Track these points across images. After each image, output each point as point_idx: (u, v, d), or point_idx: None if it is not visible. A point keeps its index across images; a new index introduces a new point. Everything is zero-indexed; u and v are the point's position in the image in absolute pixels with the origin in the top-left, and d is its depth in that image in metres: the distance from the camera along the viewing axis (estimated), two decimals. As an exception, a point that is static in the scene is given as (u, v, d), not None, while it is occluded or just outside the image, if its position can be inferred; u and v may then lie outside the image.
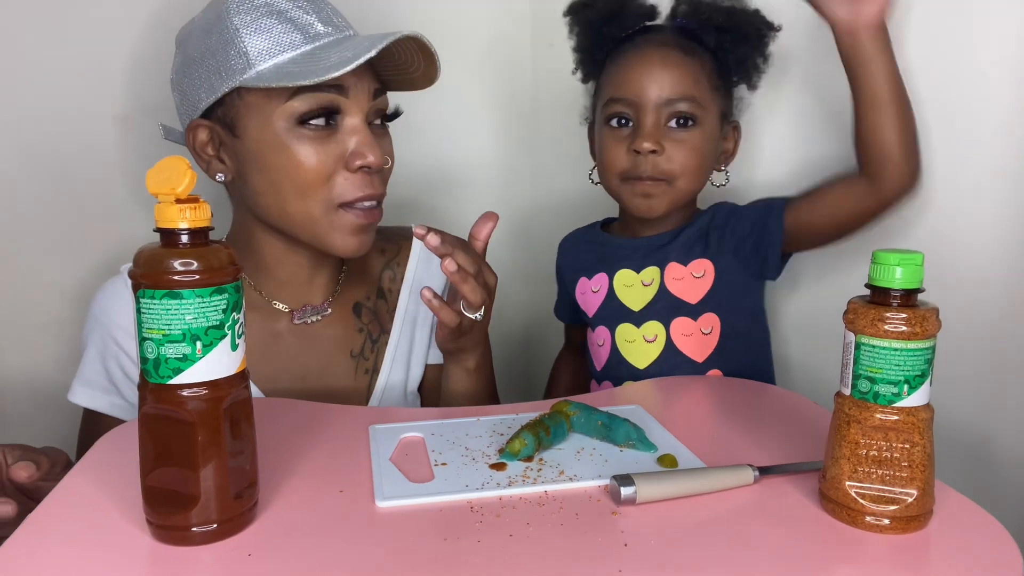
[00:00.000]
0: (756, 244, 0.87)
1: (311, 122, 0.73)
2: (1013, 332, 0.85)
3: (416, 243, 0.93)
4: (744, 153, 0.96)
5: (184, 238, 0.49)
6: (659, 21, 0.92)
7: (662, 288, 0.91)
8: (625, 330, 0.92)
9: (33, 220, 0.97)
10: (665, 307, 0.91)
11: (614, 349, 0.93)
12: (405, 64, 0.77)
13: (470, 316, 0.75)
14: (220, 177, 0.78)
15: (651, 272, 0.92)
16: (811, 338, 1.02)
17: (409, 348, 0.90)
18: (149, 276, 0.48)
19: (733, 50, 0.88)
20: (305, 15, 0.74)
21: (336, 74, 0.68)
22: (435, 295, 0.73)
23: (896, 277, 0.52)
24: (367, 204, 0.76)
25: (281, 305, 0.83)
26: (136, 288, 0.49)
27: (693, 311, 0.90)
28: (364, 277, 0.90)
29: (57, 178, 0.97)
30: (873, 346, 0.53)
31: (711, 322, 0.91)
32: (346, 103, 0.74)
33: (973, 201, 0.86)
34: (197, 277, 0.48)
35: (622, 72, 0.88)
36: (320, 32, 0.74)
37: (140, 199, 0.99)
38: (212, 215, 0.51)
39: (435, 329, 0.79)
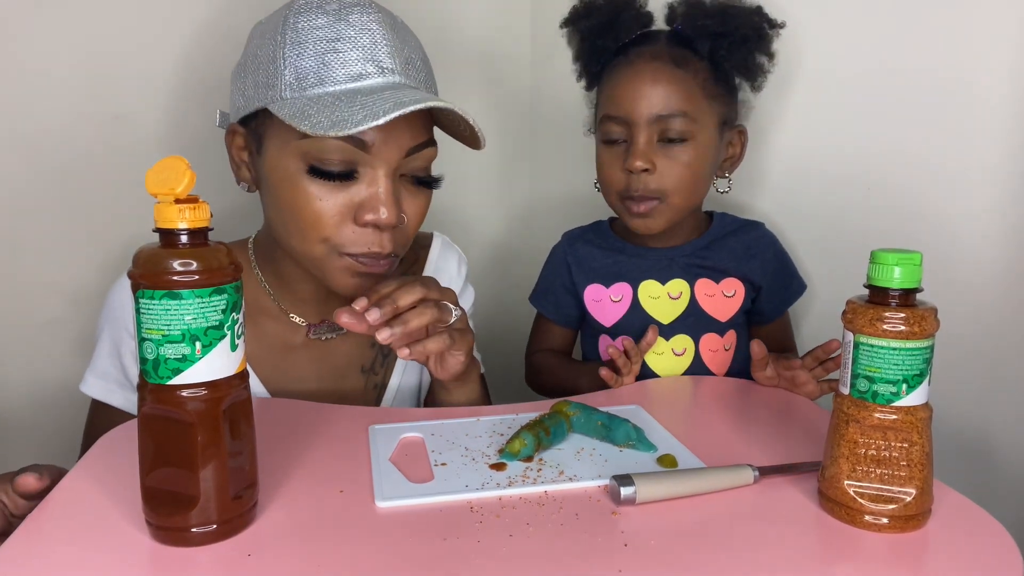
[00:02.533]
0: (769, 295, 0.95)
1: (325, 170, 0.69)
2: (1012, 332, 0.85)
3: (434, 251, 0.91)
4: (750, 157, 0.95)
5: (183, 238, 0.49)
6: (658, 26, 0.90)
7: (693, 303, 0.91)
8: None
9: (33, 220, 0.97)
10: (696, 322, 0.91)
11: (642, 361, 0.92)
12: (454, 123, 0.73)
13: (449, 322, 0.71)
14: (243, 186, 0.76)
15: (678, 285, 0.92)
16: (811, 338, 1.02)
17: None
18: (148, 276, 0.48)
19: (729, 56, 0.85)
20: (352, 50, 0.68)
21: (335, 134, 0.63)
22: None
23: (895, 277, 0.52)
24: (370, 260, 0.72)
25: (298, 319, 0.82)
26: (135, 288, 0.49)
27: (721, 328, 0.92)
28: None
29: (57, 178, 0.97)
30: (872, 345, 0.53)
31: (731, 339, 0.93)
32: (367, 158, 0.69)
33: (973, 201, 0.86)
34: (196, 277, 0.48)
35: (614, 89, 0.87)
36: (358, 72, 0.68)
37: (140, 199, 0.99)
38: (212, 215, 0.51)
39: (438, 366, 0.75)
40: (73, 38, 0.95)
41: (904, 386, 0.52)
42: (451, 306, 0.71)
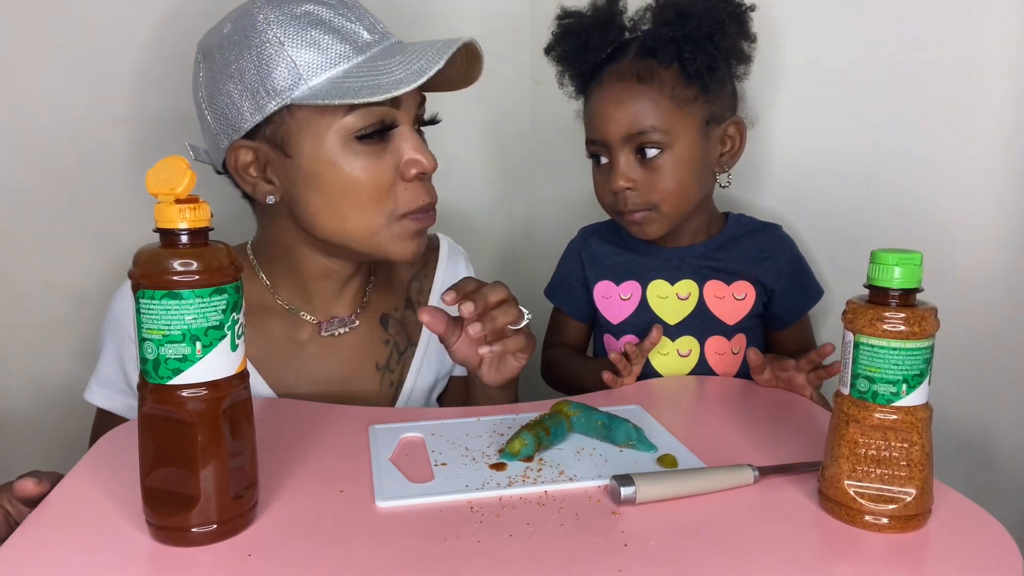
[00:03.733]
0: (782, 305, 0.94)
1: (367, 138, 0.72)
2: (1012, 332, 0.85)
3: (443, 254, 0.92)
4: (751, 155, 0.94)
5: (184, 238, 0.49)
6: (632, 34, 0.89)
7: (701, 305, 0.91)
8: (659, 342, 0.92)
9: (34, 220, 0.97)
10: (702, 324, 0.91)
11: (645, 360, 0.91)
12: (446, 65, 0.74)
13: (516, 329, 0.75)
14: (270, 199, 0.75)
15: (687, 285, 0.92)
16: (824, 336, 1.02)
17: (436, 360, 0.89)
18: (148, 276, 0.48)
19: (694, 58, 0.83)
20: (349, 24, 0.72)
21: (406, 89, 0.67)
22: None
23: (895, 277, 0.52)
24: (422, 214, 0.76)
25: (307, 316, 0.82)
26: (135, 288, 0.49)
27: (728, 331, 0.91)
28: (392, 288, 0.89)
29: (58, 178, 0.97)
30: (872, 346, 0.53)
31: (740, 343, 0.92)
32: (399, 114, 0.73)
33: (973, 201, 0.86)
34: (197, 277, 0.48)
35: (589, 113, 0.89)
36: (368, 41, 0.73)
37: (141, 199, 0.99)
38: (212, 215, 0.51)
39: (490, 369, 0.78)
40: (73, 38, 0.95)
41: (904, 386, 0.52)
42: (523, 309, 0.74)
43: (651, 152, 0.85)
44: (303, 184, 0.73)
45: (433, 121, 0.80)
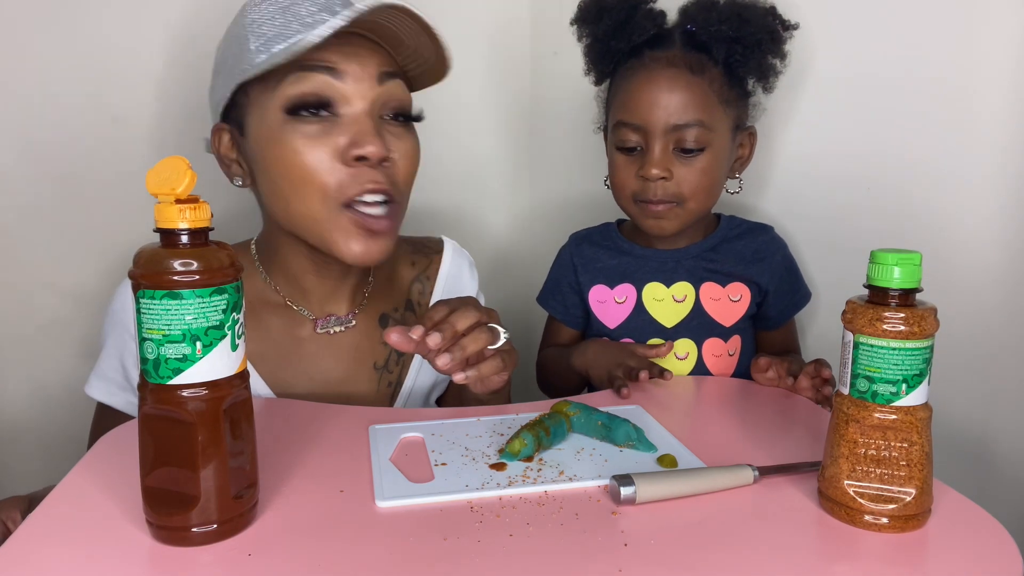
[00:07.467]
0: (774, 302, 0.94)
1: (304, 112, 0.69)
2: (1011, 332, 0.85)
3: (446, 257, 0.91)
4: (755, 158, 0.95)
5: (184, 238, 0.49)
6: (670, 24, 0.89)
7: (698, 306, 0.91)
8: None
9: (34, 220, 0.97)
10: (700, 326, 0.91)
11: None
12: (415, 51, 0.73)
13: (495, 349, 0.70)
14: (238, 181, 0.76)
15: (683, 288, 0.92)
16: (816, 342, 1.02)
17: None
18: (149, 276, 0.48)
19: (744, 61, 0.85)
20: (310, 5, 0.69)
21: (309, 38, 0.64)
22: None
23: (894, 277, 0.52)
24: (372, 205, 0.72)
25: (305, 312, 0.82)
26: (136, 288, 0.49)
27: (725, 333, 0.92)
28: (392, 288, 0.88)
29: (58, 178, 0.97)
30: (871, 345, 0.53)
31: (736, 344, 0.92)
32: (343, 88, 0.70)
33: (973, 201, 0.86)
34: (197, 277, 0.48)
35: (630, 94, 0.87)
36: (317, 22, 0.69)
37: (141, 199, 1.00)
38: (213, 215, 0.51)
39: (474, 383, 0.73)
40: (73, 40, 0.95)
41: (904, 386, 0.52)
42: (499, 328, 0.71)
43: (691, 145, 0.85)
44: (254, 164, 0.74)
45: (417, 118, 0.77)
